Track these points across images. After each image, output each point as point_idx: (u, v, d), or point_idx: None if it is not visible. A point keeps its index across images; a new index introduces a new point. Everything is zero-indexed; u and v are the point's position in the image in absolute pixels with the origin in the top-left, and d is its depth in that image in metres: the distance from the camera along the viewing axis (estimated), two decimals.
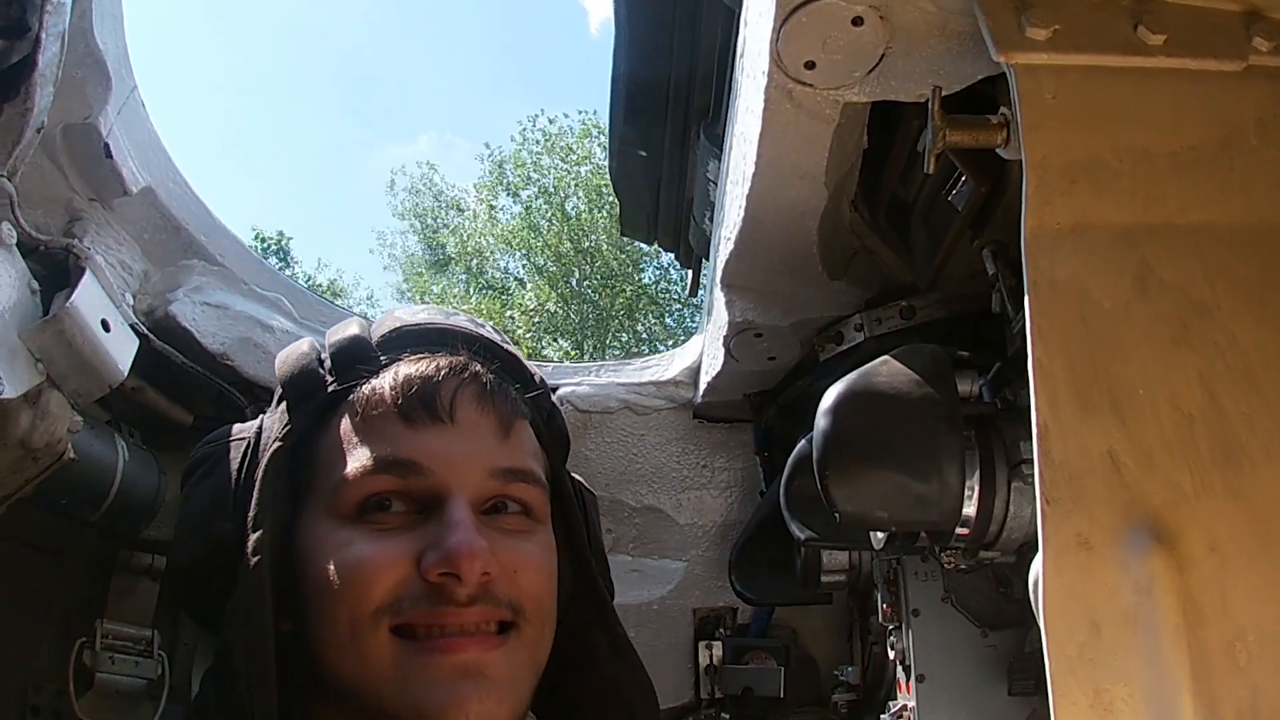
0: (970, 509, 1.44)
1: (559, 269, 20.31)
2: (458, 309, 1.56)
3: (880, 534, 1.62)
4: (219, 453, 0.96)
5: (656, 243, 2.95)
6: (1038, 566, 1.02)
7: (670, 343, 20.19)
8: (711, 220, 2.32)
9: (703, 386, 2.47)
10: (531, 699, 0.91)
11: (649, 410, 2.62)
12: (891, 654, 2.06)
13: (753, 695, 2.47)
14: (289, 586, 0.88)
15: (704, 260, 2.69)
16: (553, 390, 1.10)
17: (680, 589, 2.61)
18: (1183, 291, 1.10)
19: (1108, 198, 1.13)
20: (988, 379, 1.62)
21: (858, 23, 1.29)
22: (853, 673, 2.43)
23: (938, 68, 1.33)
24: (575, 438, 1.13)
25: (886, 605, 2.05)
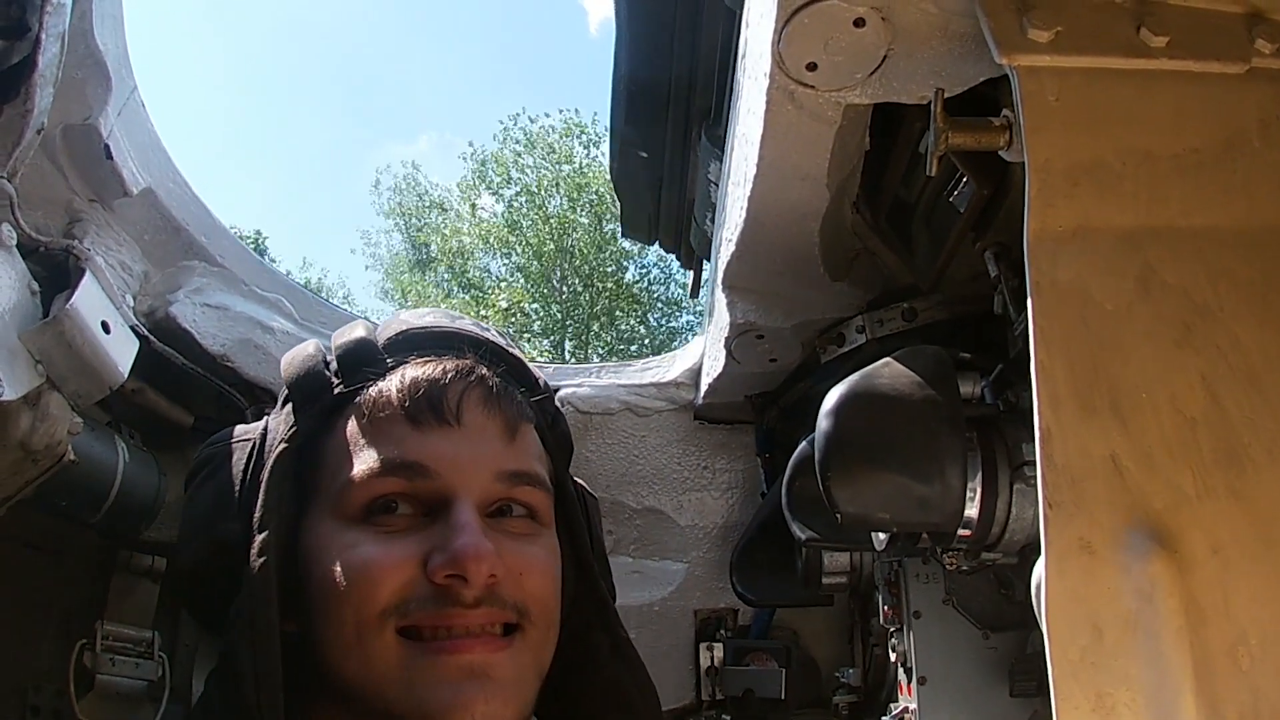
0: (972, 510, 1.44)
1: (540, 268, 20.28)
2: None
3: (882, 535, 1.62)
4: (223, 454, 0.96)
5: (658, 244, 2.94)
6: (1040, 570, 1.01)
7: (650, 342, 20.14)
8: (713, 221, 2.31)
9: (704, 388, 2.47)
10: (535, 701, 0.91)
11: (650, 412, 2.61)
12: (893, 656, 2.05)
13: (754, 697, 2.47)
14: (293, 588, 0.88)
15: (705, 261, 2.69)
16: (554, 392, 1.10)
17: (681, 590, 2.61)
18: (1185, 294, 1.10)
19: (1110, 200, 1.13)
20: (990, 381, 1.61)
21: (859, 24, 1.28)
22: (854, 674, 2.42)
23: (940, 69, 1.33)
24: (576, 439, 1.13)
25: (888, 607, 2.04)
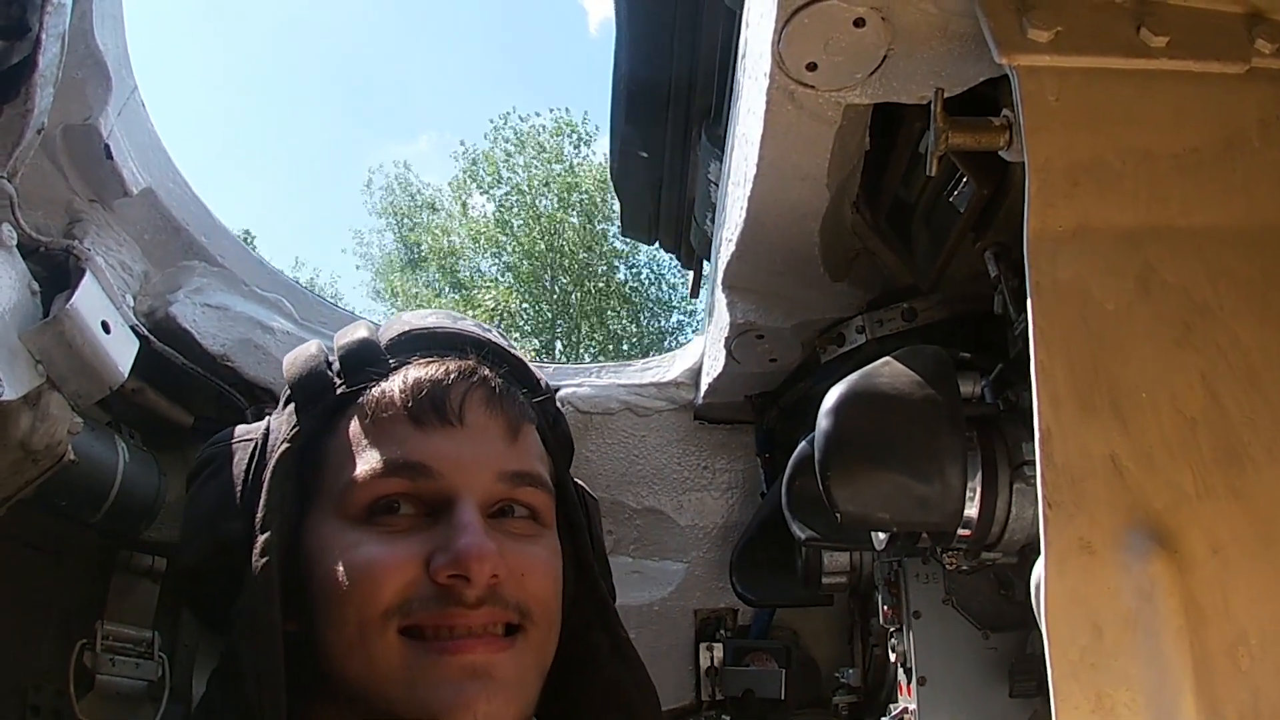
0: (972, 510, 1.44)
1: (530, 268, 20.25)
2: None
3: (882, 535, 1.62)
4: (226, 454, 0.96)
5: (658, 243, 2.94)
6: (1039, 570, 1.01)
7: (640, 341, 20.10)
8: (713, 221, 2.31)
9: (704, 388, 2.47)
10: (536, 701, 0.91)
11: (650, 411, 2.61)
12: (892, 656, 2.05)
13: (753, 697, 2.47)
14: (296, 588, 0.88)
15: (705, 261, 2.69)
16: (555, 393, 1.10)
17: (681, 590, 2.61)
18: (1185, 293, 1.10)
19: (1110, 199, 1.13)
20: (990, 380, 1.62)
21: (859, 24, 1.28)
22: (853, 675, 2.42)
23: (940, 69, 1.33)
24: (576, 439, 1.13)
25: (887, 607, 2.04)
